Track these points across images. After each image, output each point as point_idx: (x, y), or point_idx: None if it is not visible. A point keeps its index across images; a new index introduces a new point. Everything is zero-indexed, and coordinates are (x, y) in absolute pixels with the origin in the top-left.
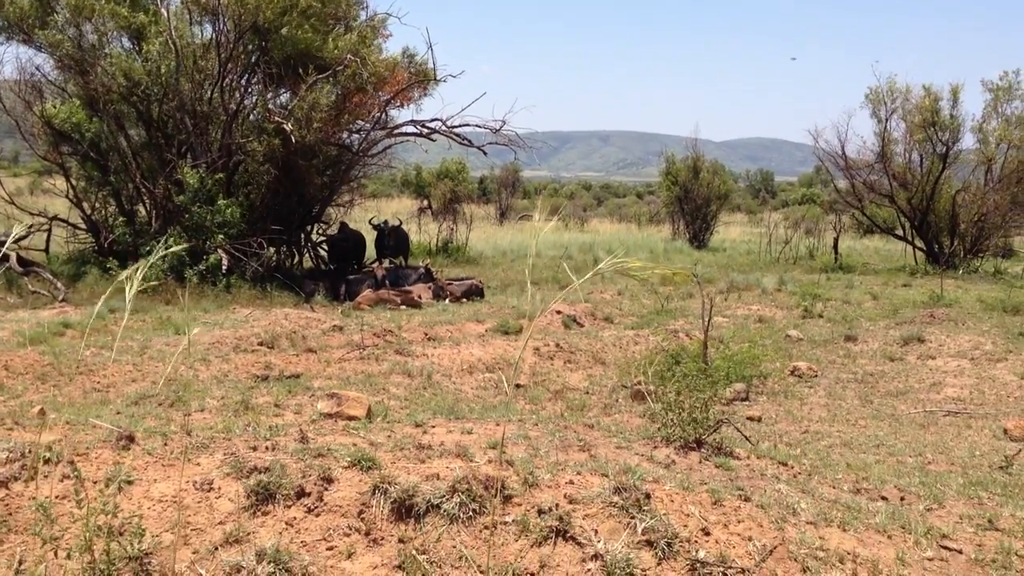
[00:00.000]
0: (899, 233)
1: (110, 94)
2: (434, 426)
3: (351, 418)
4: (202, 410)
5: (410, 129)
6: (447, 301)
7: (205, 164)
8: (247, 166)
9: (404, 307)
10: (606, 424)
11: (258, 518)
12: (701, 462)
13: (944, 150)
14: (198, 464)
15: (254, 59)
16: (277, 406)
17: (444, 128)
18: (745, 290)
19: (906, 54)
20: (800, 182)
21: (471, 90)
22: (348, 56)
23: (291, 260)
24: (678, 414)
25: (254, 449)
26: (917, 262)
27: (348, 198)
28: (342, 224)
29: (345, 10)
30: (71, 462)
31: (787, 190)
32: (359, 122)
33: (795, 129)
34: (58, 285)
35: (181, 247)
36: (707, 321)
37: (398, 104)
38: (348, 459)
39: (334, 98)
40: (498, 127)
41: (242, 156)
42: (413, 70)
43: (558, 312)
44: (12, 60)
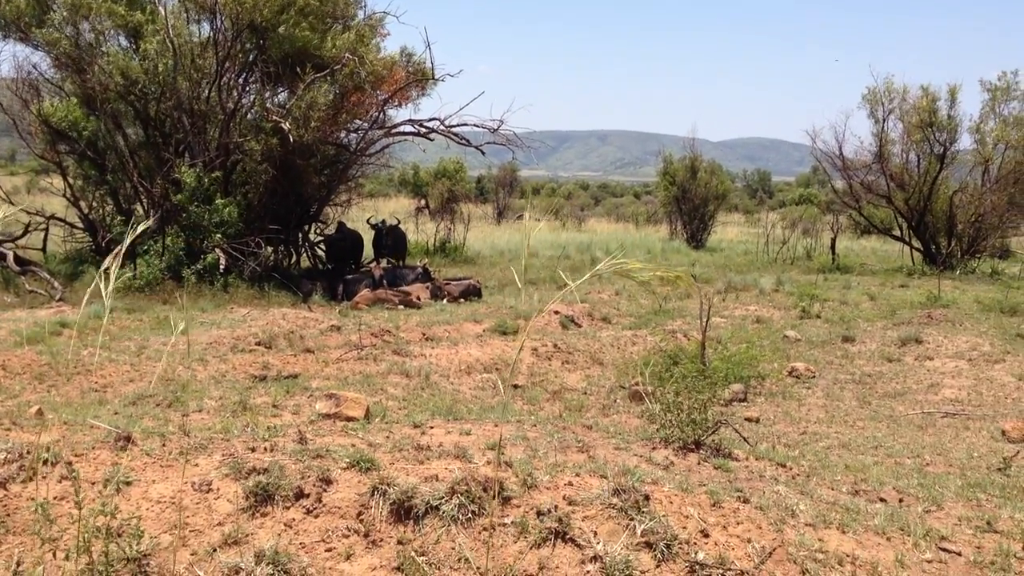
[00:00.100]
0: (896, 234)
1: (107, 93)
2: (432, 427)
3: (349, 419)
4: (200, 410)
5: (408, 128)
6: (445, 301)
7: (203, 163)
8: (245, 165)
9: (402, 307)
10: (604, 425)
11: (257, 519)
12: (700, 463)
13: (941, 151)
14: (196, 465)
15: (252, 58)
16: (275, 406)
17: (442, 127)
18: (743, 290)
19: (904, 54)
20: (797, 182)
21: (469, 89)
22: (346, 55)
23: (289, 260)
24: (677, 415)
25: (252, 450)
26: (914, 263)
27: (346, 197)
28: (340, 224)
29: (343, 9)
30: (69, 463)
31: (784, 190)
32: (357, 121)
33: (793, 129)
34: (55, 284)
35: (143, 224)
36: (705, 322)
37: (396, 103)
38: (347, 460)
39: (332, 97)
40: (496, 126)
41: (240, 155)
42: (411, 69)
43: (556, 312)
44: (9, 58)
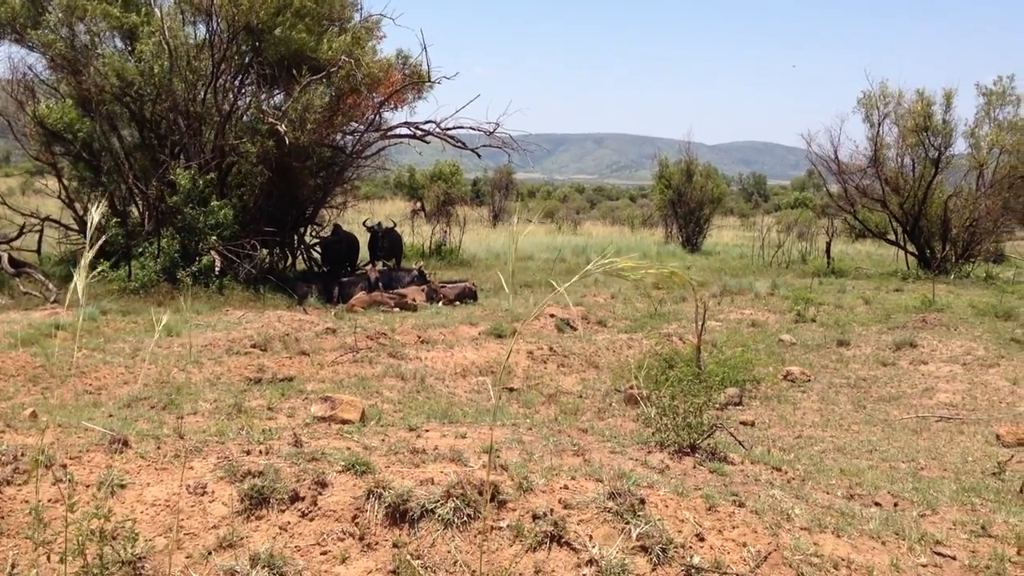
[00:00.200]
0: (891, 238)
1: (103, 94)
2: (428, 430)
3: (345, 422)
4: (195, 413)
5: (404, 131)
6: (440, 304)
7: (198, 165)
8: (240, 167)
9: (397, 309)
10: (600, 428)
11: (252, 522)
12: (695, 467)
13: (936, 155)
14: (191, 468)
15: (248, 60)
16: (270, 409)
17: (438, 130)
18: (738, 294)
19: (900, 58)
20: (793, 186)
21: (465, 92)
22: (342, 57)
23: (284, 262)
24: (672, 419)
25: (247, 453)
26: (909, 267)
27: (341, 200)
28: (335, 226)
29: (339, 11)
30: (64, 465)
31: (780, 194)
32: (353, 124)
33: (788, 133)
34: (50, 286)
35: (100, 211)
36: (700, 325)
37: (392, 106)
38: (342, 463)
39: (328, 99)
40: (492, 129)
41: (235, 157)
42: (407, 72)
43: (551, 315)
44: (4, 60)
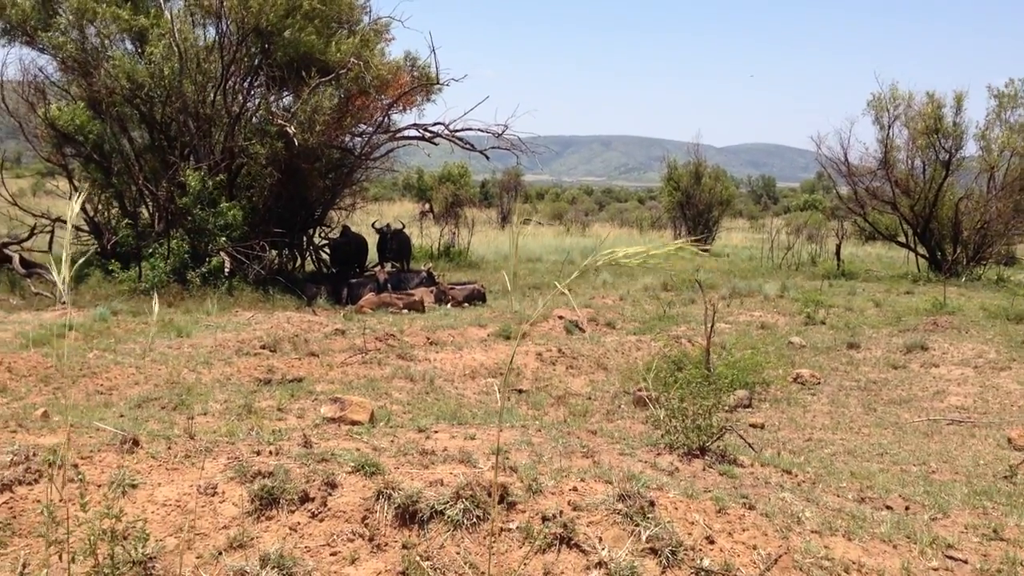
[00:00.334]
0: (902, 240)
1: (113, 96)
2: (437, 431)
3: (354, 423)
4: (205, 414)
5: (412, 133)
6: (449, 305)
7: (208, 167)
8: (250, 169)
9: (406, 311)
10: (609, 430)
11: (262, 523)
12: (705, 469)
13: (947, 157)
14: (202, 468)
15: (257, 62)
16: (280, 410)
17: (446, 132)
18: (747, 296)
19: (910, 60)
20: (802, 188)
21: (473, 94)
22: (351, 59)
23: (293, 263)
24: (681, 421)
25: (258, 453)
26: (920, 269)
27: (350, 201)
28: (344, 227)
29: (348, 13)
30: (75, 465)
31: (789, 196)
32: (361, 125)
33: (797, 135)
34: (62, 287)
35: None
36: (710, 327)
37: (400, 108)
38: (352, 464)
39: (337, 101)
40: (500, 131)
41: (245, 159)
42: (416, 74)
43: (560, 317)
44: (15, 62)
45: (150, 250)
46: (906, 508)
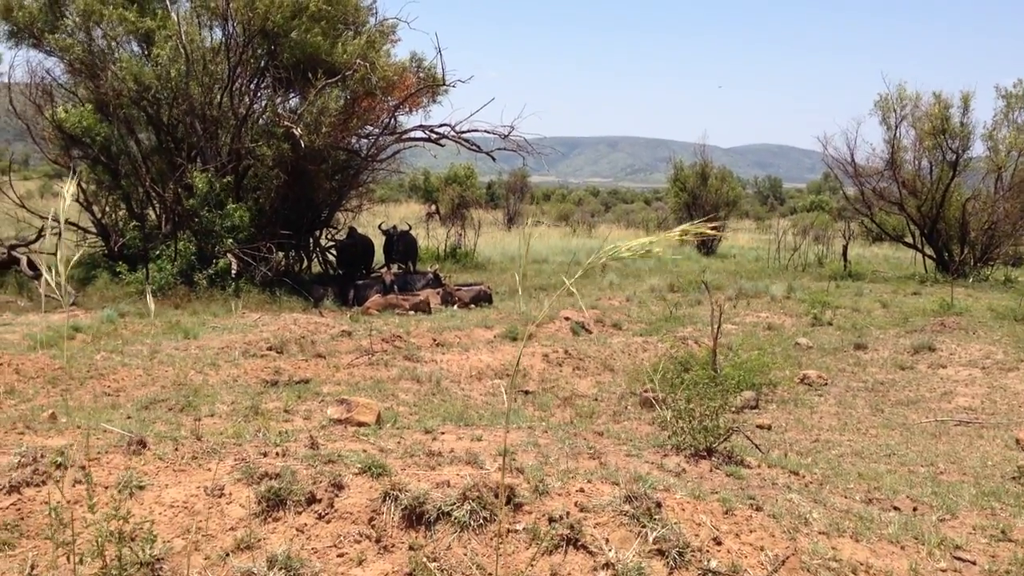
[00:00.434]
0: (909, 241)
1: (120, 98)
2: (444, 432)
3: (361, 424)
4: (212, 415)
5: (419, 134)
6: (455, 307)
7: (214, 168)
8: (256, 170)
9: (413, 312)
10: (616, 431)
11: (269, 524)
12: (712, 471)
13: (954, 158)
14: (209, 469)
15: (263, 63)
16: (287, 411)
17: (453, 133)
18: (754, 297)
19: (917, 61)
20: (809, 189)
21: (479, 95)
22: (357, 61)
23: (300, 265)
24: (688, 422)
25: (264, 455)
26: (927, 270)
27: (357, 203)
28: (351, 229)
29: (354, 15)
30: (83, 467)
31: (795, 197)
32: (368, 127)
33: (803, 136)
34: (68, 289)
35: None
36: (716, 328)
37: (407, 109)
38: (358, 466)
39: (343, 103)
40: (507, 133)
41: (251, 160)
42: (422, 75)
43: (566, 318)
44: (23, 64)
45: (157, 252)
46: (914, 509)
